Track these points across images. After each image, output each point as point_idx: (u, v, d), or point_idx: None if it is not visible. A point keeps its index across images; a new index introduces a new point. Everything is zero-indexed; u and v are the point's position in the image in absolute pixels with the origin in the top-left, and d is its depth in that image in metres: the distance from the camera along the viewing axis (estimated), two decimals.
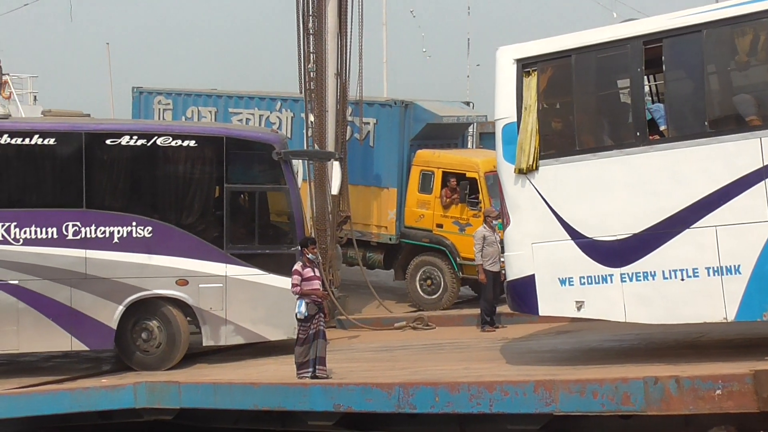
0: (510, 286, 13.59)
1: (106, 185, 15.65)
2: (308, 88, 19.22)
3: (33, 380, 15.16)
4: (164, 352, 15.74)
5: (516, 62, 13.24)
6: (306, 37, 19.11)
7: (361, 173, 20.85)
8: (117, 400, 13.48)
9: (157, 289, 15.62)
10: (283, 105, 22.24)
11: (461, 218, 19.89)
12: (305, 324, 13.72)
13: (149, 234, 15.56)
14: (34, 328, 15.22)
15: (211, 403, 13.19)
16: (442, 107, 21.75)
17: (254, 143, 16.26)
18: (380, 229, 20.92)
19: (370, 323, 18.88)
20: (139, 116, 24.07)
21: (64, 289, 15.26)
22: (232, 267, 15.78)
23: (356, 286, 20.76)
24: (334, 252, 19.14)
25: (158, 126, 18.01)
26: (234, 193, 16.17)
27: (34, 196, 15.44)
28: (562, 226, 12.86)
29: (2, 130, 15.27)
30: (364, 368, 14.85)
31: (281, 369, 14.97)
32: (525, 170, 13.08)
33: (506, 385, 11.63)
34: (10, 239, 15.14)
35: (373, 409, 12.26)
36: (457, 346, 16.35)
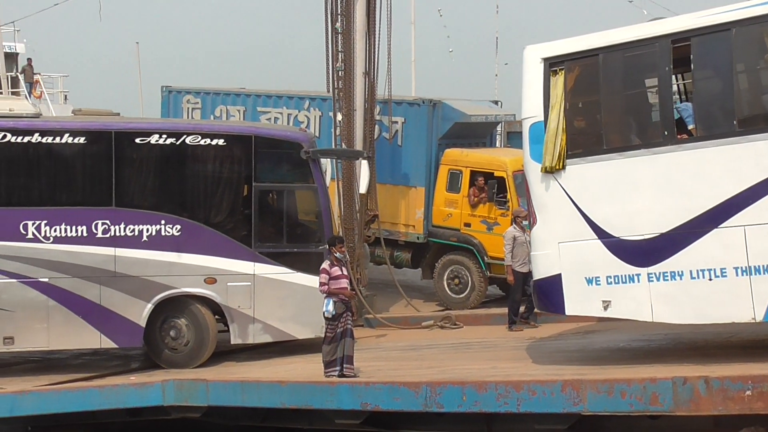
0: (537, 285, 13.57)
1: (136, 184, 15.73)
2: (336, 86, 19.25)
3: (63, 377, 15.29)
4: (192, 350, 15.81)
5: (543, 61, 13.21)
6: (334, 36, 19.15)
7: (389, 172, 20.85)
8: (145, 398, 13.56)
9: (185, 288, 15.70)
10: (312, 104, 22.28)
11: (489, 217, 19.85)
12: (333, 323, 13.76)
13: (178, 232, 15.64)
14: (64, 326, 15.34)
15: (239, 401, 13.24)
16: (470, 106, 21.72)
17: (283, 142, 16.30)
18: (408, 228, 20.92)
19: (398, 322, 18.89)
20: (168, 115, 24.18)
21: (93, 287, 15.37)
22: (261, 265, 15.83)
23: (384, 285, 20.76)
24: (362, 251, 19.16)
25: (187, 125, 18.09)
26: (262, 192, 16.22)
27: (65, 194, 15.55)
28: (589, 225, 12.82)
29: (33, 128, 15.38)
30: (392, 367, 14.86)
31: (308, 367, 15.00)
32: (552, 169, 13.05)
33: (534, 384, 11.61)
34: (41, 237, 15.26)
35: (400, 408, 12.27)
36: (484, 345, 16.34)
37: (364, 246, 19.44)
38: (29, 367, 16.30)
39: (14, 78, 35.15)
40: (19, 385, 14.72)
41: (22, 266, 15.15)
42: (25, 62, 36.79)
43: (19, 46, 37.63)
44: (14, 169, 15.33)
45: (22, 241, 15.17)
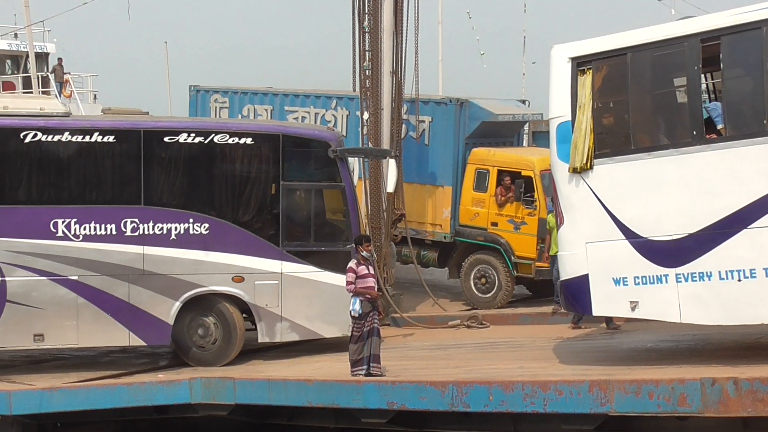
0: (563, 285, 13.53)
1: (164, 182, 15.79)
2: (364, 86, 19.29)
3: (91, 374, 15.40)
4: (220, 349, 15.87)
5: (571, 61, 13.17)
6: (362, 35, 19.18)
7: (416, 171, 20.86)
8: (173, 395, 13.63)
9: (213, 286, 15.76)
10: (339, 103, 22.31)
11: (516, 217, 19.81)
12: (359, 321, 13.78)
13: (206, 231, 15.70)
14: (93, 323, 15.43)
15: (266, 400, 13.29)
16: (497, 105, 21.68)
17: (310, 141, 16.34)
18: (435, 227, 20.92)
19: (425, 321, 18.89)
20: (196, 114, 24.28)
21: (122, 285, 15.46)
22: (288, 264, 15.87)
23: (411, 284, 20.77)
24: (389, 250, 19.18)
25: (215, 123, 18.15)
26: (290, 191, 16.26)
27: (94, 192, 15.62)
28: (617, 225, 12.78)
29: (63, 127, 15.48)
30: (418, 366, 14.87)
31: (335, 366, 15.04)
32: (579, 169, 13.01)
33: (561, 384, 11.58)
34: (71, 235, 15.37)
35: (427, 407, 12.28)
36: (511, 345, 16.31)
37: (391, 245, 19.46)
38: (58, 364, 16.42)
39: (45, 77, 35.46)
40: (48, 382, 14.85)
41: (52, 264, 15.26)
42: (56, 62, 37.08)
43: (50, 46, 37.93)
44: (44, 167, 15.43)
45: (52, 239, 15.27)
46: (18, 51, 37.15)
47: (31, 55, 32.06)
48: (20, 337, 15.33)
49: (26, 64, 34.35)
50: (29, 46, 32.46)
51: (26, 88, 34.67)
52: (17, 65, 37.86)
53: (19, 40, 37.03)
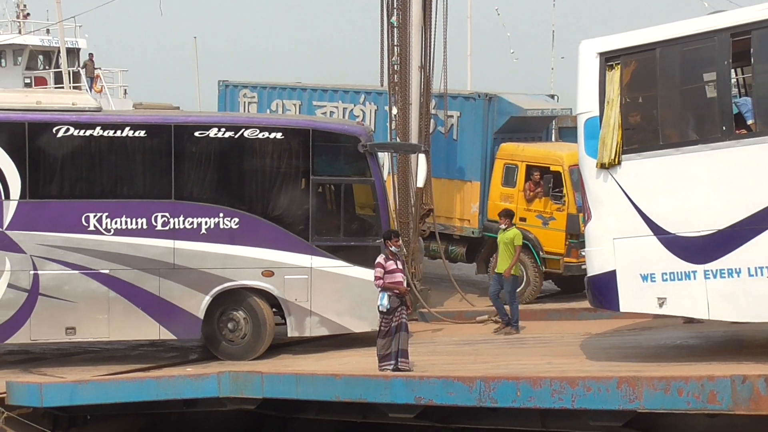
0: (590, 281, 13.48)
1: (195, 177, 15.87)
2: (392, 80, 19.31)
3: (121, 368, 15.55)
4: (250, 343, 15.96)
5: (599, 56, 13.12)
6: (390, 30, 19.19)
7: (445, 166, 20.87)
8: (201, 389, 13.68)
9: (243, 280, 15.84)
10: (367, 98, 22.34)
11: (545, 212, 19.78)
12: (387, 316, 13.81)
13: (236, 225, 15.78)
14: (124, 317, 15.56)
15: (293, 394, 13.31)
16: (526, 100, 21.64)
17: (340, 135, 16.37)
18: (463, 222, 20.93)
19: (453, 316, 18.91)
20: (225, 109, 24.42)
21: (153, 278, 15.57)
22: (318, 259, 15.92)
23: (438, 279, 20.79)
24: (417, 245, 19.20)
25: (246, 118, 18.23)
26: (320, 185, 16.33)
27: (125, 187, 15.75)
28: (645, 221, 12.72)
29: (95, 122, 15.59)
30: (446, 361, 14.88)
31: (363, 361, 15.09)
32: (607, 165, 12.96)
33: (589, 380, 11.54)
34: (102, 229, 15.49)
35: (454, 402, 12.28)
36: (539, 341, 16.29)
37: (419, 240, 19.48)
38: (88, 357, 16.57)
39: (76, 73, 35.76)
40: (78, 375, 15.00)
41: (83, 258, 15.40)
42: (87, 57, 37.36)
43: (81, 42, 38.24)
44: (76, 162, 15.57)
45: (83, 233, 15.41)
46: (50, 46, 37.49)
47: (62, 50, 32.35)
48: (53, 330, 15.48)
49: (58, 60, 34.66)
50: (60, 42, 32.77)
51: (58, 84, 34.99)
52: (49, 61, 38.20)
53: (51, 36, 37.39)
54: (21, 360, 16.29)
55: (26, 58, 37.95)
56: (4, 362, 16.11)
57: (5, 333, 15.38)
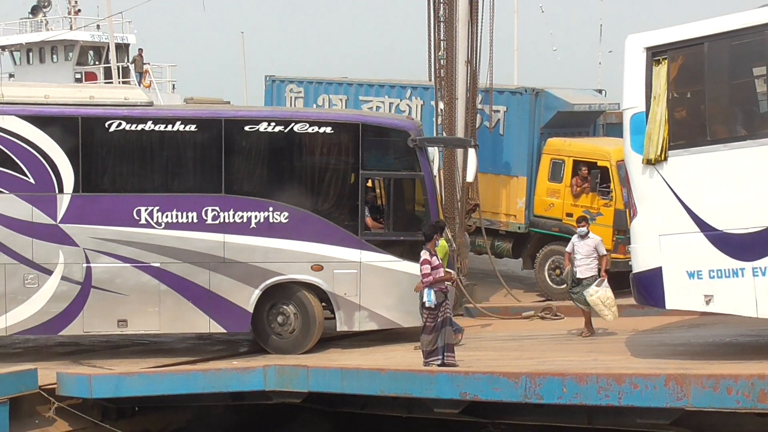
0: (636, 278, 13.43)
1: (244, 171, 15.95)
2: (438, 75, 19.32)
3: (169, 360, 15.67)
4: (298, 337, 16.03)
5: (646, 50, 13.05)
6: (437, 24, 19.20)
7: (491, 161, 20.85)
8: (247, 382, 13.76)
9: (292, 274, 15.92)
10: (413, 93, 22.38)
11: (592, 207, 19.70)
12: (433, 312, 13.85)
13: (286, 219, 15.86)
14: (174, 310, 15.70)
15: (339, 388, 13.37)
16: (573, 95, 21.55)
17: (390, 130, 16.39)
18: (509, 217, 20.90)
19: (498, 312, 18.89)
20: (272, 104, 24.57)
21: (203, 272, 15.70)
22: (367, 253, 15.95)
23: (484, 274, 20.78)
24: (463, 240, 19.21)
25: (295, 113, 18.24)
26: (369, 180, 16.39)
27: (176, 181, 15.86)
28: (691, 217, 12.65)
29: (146, 117, 15.74)
30: (492, 357, 14.89)
31: (408, 356, 15.14)
32: (653, 161, 12.90)
33: (636, 377, 11.49)
34: (153, 223, 15.65)
35: (500, 398, 12.28)
36: (585, 337, 16.24)
37: (465, 235, 19.48)
38: (136, 350, 16.73)
39: (125, 68, 36.17)
40: (126, 367, 15.13)
41: (135, 251, 15.56)
42: (136, 52, 37.78)
43: (130, 37, 38.67)
44: (128, 156, 15.73)
45: (135, 226, 15.57)
46: (100, 42, 37.97)
47: (111, 46, 32.73)
48: (105, 323, 15.67)
49: (108, 55, 35.08)
50: (110, 37, 33.15)
51: (107, 79, 35.43)
52: (99, 56, 38.68)
53: (101, 32, 37.84)
54: (71, 352, 16.51)
55: (77, 54, 38.46)
56: (55, 354, 16.35)
57: (59, 325, 15.59)
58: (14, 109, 15.41)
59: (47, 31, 39.15)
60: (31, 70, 39.04)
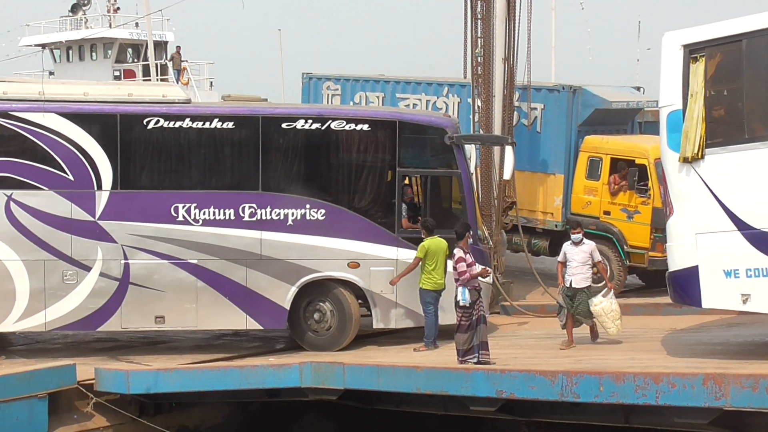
0: (672, 277, 13.34)
1: (282, 168, 15.96)
2: (476, 73, 19.28)
3: (205, 356, 15.76)
4: (335, 334, 16.04)
5: (683, 48, 12.96)
6: (474, 21, 19.17)
7: (528, 159, 20.79)
8: (283, 379, 13.80)
9: (329, 271, 15.94)
10: (450, 90, 22.35)
11: (629, 206, 19.60)
12: (468, 310, 13.84)
13: (322, 217, 15.88)
14: (211, 307, 15.76)
15: (375, 385, 13.39)
16: (611, 92, 21.44)
17: (427, 127, 16.37)
18: (546, 215, 20.83)
19: (535, 310, 18.83)
20: (309, 101, 24.63)
21: (240, 269, 15.75)
22: (403, 250, 15.92)
23: (521, 272, 20.72)
24: (499, 238, 19.16)
25: (332, 110, 18.24)
26: (406, 177, 16.38)
27: (213, 178, 15.91)
28: (728, 216, 12.55)
29: (184, 114, 15.79)
30: (528, 355, 14.85)
31: (444, 353, 15.13)
32: (690, 159, 12.82)
33: (674, 377, 11.43)
34: (191, 220, 15.73)
35: (536, 396, 12.26)
36: (622, 336, 16.10)
37: (502, 233, 19.44)
38: (173, 346, 16.82)
39: (163, 65, 36.41)
40: (164, 363, 15.24)
41: (172, 248, 15.63)
42: (174, 50, 38.01)
43: (168, 35, 38.92)
44: (166, 153, 15.80)
45: (173, 223, 15.64)
46: (138, 40, 38.26)
47: (149, 43, 32.95)
48: (142, 319, 15.77)
49: (146, 53, 35.33)
50: (148, 35, 33.38)
51: (146, 76, 35.68)
52: (137, 53, 38.98)
53: (139, 29, 38.13)
54: (108, 348, 16.64)
55: (116, 52, 38.78)
56: (93, 349, 16.51)
57: (97, 321, 15.71)
58: (54, 107, 15.54)
59: (87, 29, 39.50)
60: (70, 68, 39.44)
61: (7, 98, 15.56)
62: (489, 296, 16.90)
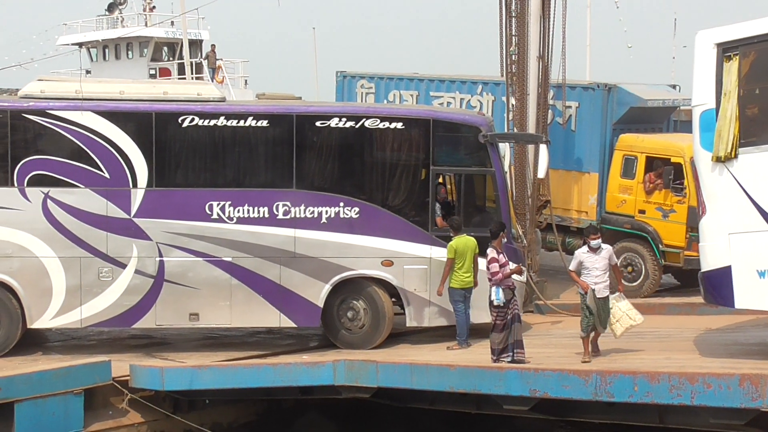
0: (704, 277, 13.24)
1: (315, 166, 15.98)
2: (510, 71, 19.23)
3: (239, 354, 15.82)
4: (368, 332, 16.04)
5: (716, 47, 12.86)
6: (509, 20, 19.11)
7: (562, 157, 20.72)
8: (317, 377, 13.86)
9: (362, 269, 15.95)
10: (484, 88, 22.30)
11: (665, 204, 19.47)
12: (502, 310, 13.81)
13: (356, 215, 15.90)
14: (245, 304, 15.82)
15: (408, 383, 13.40)
16: (646, 90, 21.31)
17: (461, 125, 16.34)
18: (580, 214, 20.76)
19: (569, 309, 18.73)
20: (343, 99, 24.67)
21: (274, 267, 15.79)
22: (437, 249, 15.91)
23: (555, 271, 20.66)
24: (534, 236, 19.10)
25: (366, 108, 18.25)
26: (440, 176, 16.37)
27: (248, 176, 15.96)
28: (762, 216, 12.45)
29: (219, 112, 15.86)
30: (562, 354, 14.79)
31: (478, 352, 15.10)
32: (723, 158, 12.73)
33: (709, 377, 11.36)
34: (225, 218, 15.80)
35: (570, 395, 12.23)
36: (657, 336, 16.04)
37: (536, 232, 19.37)
38: (207, 343, 16.89)
39: (198, 64, 36.58)
40: (198, 360, 15.31)
41: (207, 245, 15.69)
42: (209, 48, 38.18)
43: (204, 33, 39.09)
44: (200, 151, 15.86)
45: (207, 221, 15.71)
46: (174, 38, 38.48)
47: (185, 42, 33.10)
48: (177, 316, 15.85)
49: (181, 51, 35.51)
50: (183, 34, 33.54)
51: (181, 75, 35.86)
52: (173, 52, 39.20)
53: (175, 28, 38.33)
54: (143, 344, 16.74)
55: (151, 50, 39.02)
56: (128, 346, 16.61)
57: (132, 318, 15.81)
58: (90, 105, 15.66)
59: (123, 28, 39.78)
60: (107, 67, 39.71)
61: (45, 97, 15.71)
62: (523, 295, 16.85)
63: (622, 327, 14.14)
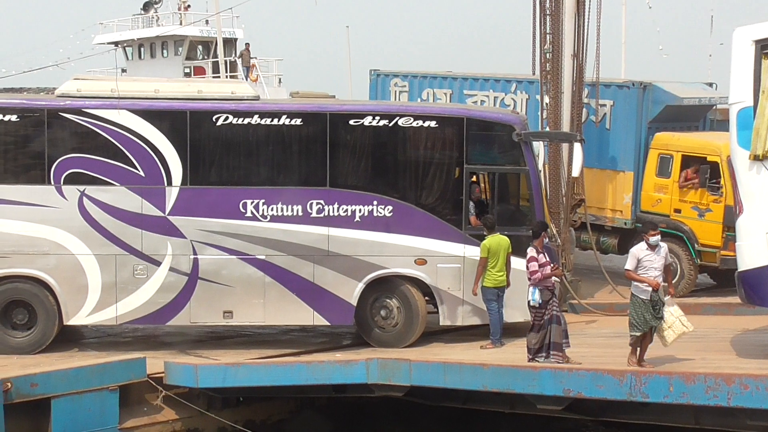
0: (742, 276, 13.12)
1: (349, 165, 15.98)
2: (544, 69, 19.15)
3: (272, 352, 15.86)
4: (401, 331, 16.04)
5: (754, 44, 12.75)
6: (543, 18, 19.04)
7: (597, 156, 20.62)
8: (350, 375, 13.87)
9: (396, 268, 15.95)
10: (518, 87, 22.23)
11: (701, 203, 19.33)
12: (539, 311, 13.75)
13: (389, 213, 15.89)
14: (279, 302, 15.85)
15: (441, 382, 13.38)
16: (682, 88, 21.15)
17: (495, 124, 16.29)
18: (615, 213, 20.65)
19: (603, 309, 18.65)
20: (376, 98, 24.67)
21: (307, 265, 15.82)
22: (471, 248, 15.86)
23: (589, 270, 20.55)
24: (568, 235, 19.02)
25: (400, 106, 18.21)
26: (474, 174, 16.33)
27: (281, 174, 15.98)
28: None
29: (253, 110, 15.90)
30: (596, 354, 14.71)
31: (511, 351, 15.06)
32: (761, 157, 12.63)
33: (746, 378, 11.27)
34: (259, 216, 15.84)
35: (604, 396, 12.16)
36: (693, 336, 15.78)
37: (570, 231, 19.29)
38: (240, 341, 16.94)
39: (232, 62, 36.72)
40: (232, 358, 15.34)
41: (241, 243, 15.75)
42: (243, 47, 38.32)
43: (238, 32, 39.24)
44: (235, 149, 15.90)
45: (241, 219, 15.76)
46: (208, 37, 38.65)
47: (219, 40, 33.28)
48: (211, 313, 15.91)
49: (216, 50, 35.67)
50: (218, 32, 33.71)
51: (215, 73, 36.01)
52: (207, 51, 39.39)
53: (209, 27, 38.51)
54: (177, 342, 16.82)
55: (186, 49, 39.23)
56: (162, 343, 16.70)
57: (167, 315, 15.90)
58: (126, 104, 15.76)
59: (158, 27, 40.02)
60: (142, 65, 39.97)
61: (81, 95, 15.82)
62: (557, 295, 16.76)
63: (675, 334, 13.06)
